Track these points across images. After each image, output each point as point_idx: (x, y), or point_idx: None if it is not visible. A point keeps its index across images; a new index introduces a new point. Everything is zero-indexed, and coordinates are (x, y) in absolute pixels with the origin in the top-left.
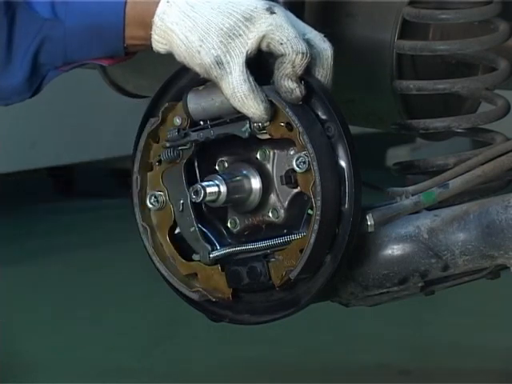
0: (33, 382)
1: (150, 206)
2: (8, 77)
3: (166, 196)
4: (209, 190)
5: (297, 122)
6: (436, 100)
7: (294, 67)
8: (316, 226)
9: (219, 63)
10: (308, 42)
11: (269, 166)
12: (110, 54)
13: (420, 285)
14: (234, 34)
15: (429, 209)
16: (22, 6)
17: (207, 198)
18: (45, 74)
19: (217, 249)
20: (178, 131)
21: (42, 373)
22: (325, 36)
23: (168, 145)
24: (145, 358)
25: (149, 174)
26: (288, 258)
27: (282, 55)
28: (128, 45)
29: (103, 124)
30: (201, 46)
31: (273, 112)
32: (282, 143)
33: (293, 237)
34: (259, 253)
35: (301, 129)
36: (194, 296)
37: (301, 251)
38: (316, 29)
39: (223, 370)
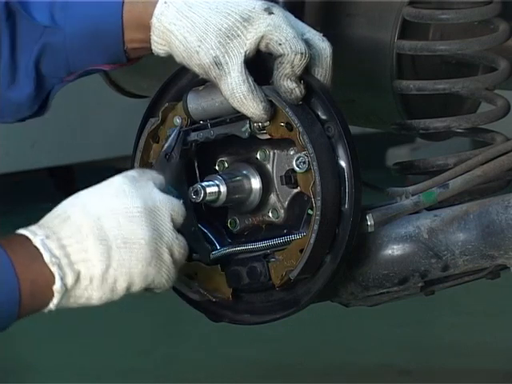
0: (33, 382)
1: None
2: (15, 88)
3: None
4: (209, 190)
5: (297, 121)
6: (436, 100)
7: (293, 67)
8: (316, 226)
9: (218, 64)
10: (307, 42)
11: (269, 166)
12: (112, 60)
13: (420, 285)
14: (232, 34)
15: (429, 209)
16: (21, 14)
17: (207, 198)
18: (50, 88)
19: (217, 249)
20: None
21: (42, 373)
22: (324, 36)
23: None
24: (145, 358)
25: None
26: (288, 258)
27: (281, 55)
28: (128, 48)
29: (103, 124)
30: (199, 46)
31: (272, 112)
32: (282, 143)
33: (293, 237)
34: (259, 253)
35: (301, 129)
36: (194, 296)
37: (301, 251)
38: (316, 29)
39: (223, 370)
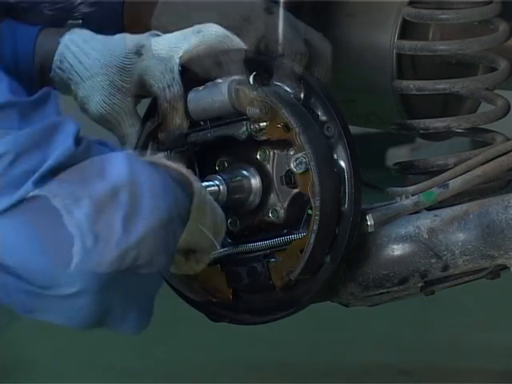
0: (32, 382)
1: None
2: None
3: None
4: (209, 190)
5: (295, 122)
6: (436, 100)
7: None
8: (316, 227)
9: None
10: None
11: (269, 167)
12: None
13: (420, 285)
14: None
15: (429, 209)
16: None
17: None
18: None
19: (217, 249)
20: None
21: (42, 373)
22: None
23: None
24: (145, 358)
25: None
26: (288, 259)
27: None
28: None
29: None
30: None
31: (271, 112)
32: (282, 143)
33: (293, 237)
34: (259, 253)
35: (298, 129)
36: (194, 296)
37: (301, 251)
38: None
39: (223, 370)
